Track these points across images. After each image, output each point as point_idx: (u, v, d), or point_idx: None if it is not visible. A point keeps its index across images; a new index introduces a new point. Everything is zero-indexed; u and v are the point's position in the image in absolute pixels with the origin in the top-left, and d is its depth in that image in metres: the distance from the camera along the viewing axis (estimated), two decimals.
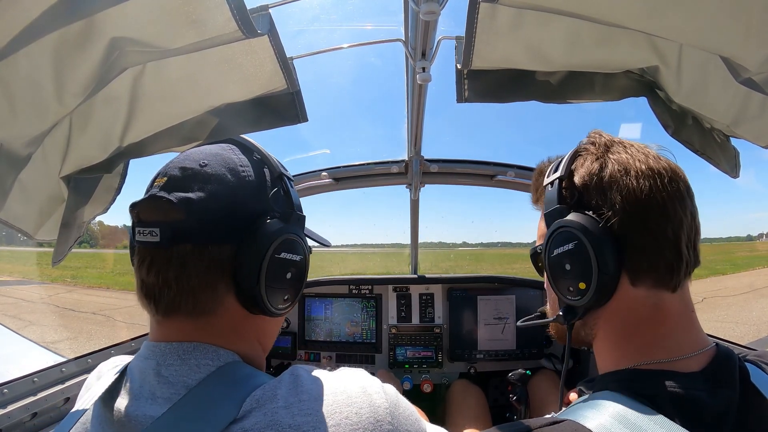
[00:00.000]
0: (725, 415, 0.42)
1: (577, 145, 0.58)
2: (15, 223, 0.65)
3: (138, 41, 0.54)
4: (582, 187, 0.52)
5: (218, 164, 0.49)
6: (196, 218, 0.46)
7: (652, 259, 0.48)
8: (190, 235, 0.46)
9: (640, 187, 0.49)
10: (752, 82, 0.56)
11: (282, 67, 0.75)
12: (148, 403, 0.43)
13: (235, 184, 0.49)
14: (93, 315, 11.51)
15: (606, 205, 0.50)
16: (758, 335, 8.13)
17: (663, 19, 0.54)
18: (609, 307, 0.51)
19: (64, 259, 0.80)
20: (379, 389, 0.45)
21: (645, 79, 0.78)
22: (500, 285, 1.94)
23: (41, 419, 1.01)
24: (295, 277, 0.53)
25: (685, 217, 0.49)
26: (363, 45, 1.04)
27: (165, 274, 0.46)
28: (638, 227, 0.48)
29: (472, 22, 0.65)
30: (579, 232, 0.50)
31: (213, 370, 0.45)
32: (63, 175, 0.65)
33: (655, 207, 0.48)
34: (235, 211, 0.49)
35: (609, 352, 0.52)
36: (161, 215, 0.46)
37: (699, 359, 0.47)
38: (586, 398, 0.49)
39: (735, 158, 0.86)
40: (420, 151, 1.56)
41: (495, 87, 0.80)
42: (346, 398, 0.43)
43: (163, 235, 0.45)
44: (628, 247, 0.49)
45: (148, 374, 0.45)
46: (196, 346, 0.46)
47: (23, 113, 0.53)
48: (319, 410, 0.41)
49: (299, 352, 1.97)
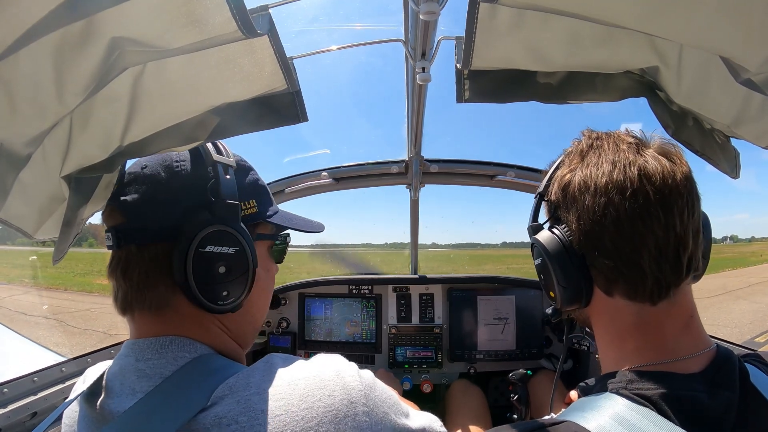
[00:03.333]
0: (725, 416, 0.42)
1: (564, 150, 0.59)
2: (15, 222, 0.65)
3: (138, 41, 0.54)
4: (555, 202, 0.54)
5: (156, 163, 0.51)
6: (135, 220, 0.49)
7: (611, 276, 0.48)
8: (132, 236, 0.49)
9: (595, 206, 0.47)
10: (752, 83, 0.56)
11: (282, 67, 0.75)
12: (129, 399, 0.44)
13: (167, 180, 0.50)
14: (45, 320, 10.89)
15: (570, 221, 0.51)
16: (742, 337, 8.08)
17: (663, 20, 0.54)
18: (597, 313, 0.53)
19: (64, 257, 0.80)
20: (354, 373, 0.45)
21: (645, 80, 0.78)
22: (500, 285, 1.94)
23: (41, 419, 1.01)
24: (233, 270, 0.50)
25: (650, 233, 0.45)
26: (363, 45, 1.04)
27: (115, 273, 0.50)
28: (592, 247, 0.48)
29: (472, 22, 0.65)
30: (541, 249, 0.53)
31: (188, 361, 0.46)
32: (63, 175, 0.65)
33: (609, 227, 0.46)
34: (171, 208, 0.49)
35: (608, 351, 0.53)
36: (111, 221, 0.51)
37: (699, 360, 0.46)
38: (585, 399, 0.49)
39: (735, 159, 0.85)
40: (420, 151, 1.56)
41: (495, 87, 0.80)
42: (319, 381, 0.43)
43: (113, 239, 0.49)
44: (588, 265, 0.49)
45: (128, 370, 0.46)
46: (172, 340, 0.47)
47: (23, 113, 0.53)
48: (292, 394, 0.41)
49: (299, 352, 1.97)
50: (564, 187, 0.52)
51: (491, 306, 1.91)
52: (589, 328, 0.58)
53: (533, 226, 0.57)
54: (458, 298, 1.92)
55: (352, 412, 0.41)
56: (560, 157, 0.58)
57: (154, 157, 0.52)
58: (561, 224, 0.52)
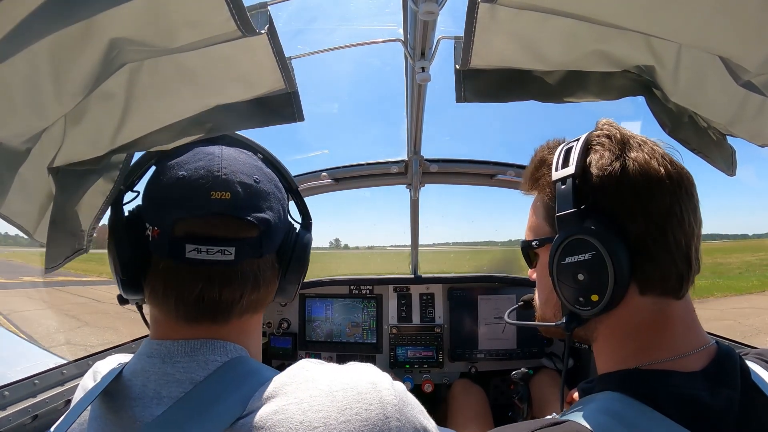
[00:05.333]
0: (726, 414, 0.42)
1: (587, 135, 0.52)
2: (16, 219, 0.65)
3: (136, 41, 0.54)
4: (599, 188, 0.48)
5: (267, 180, 0.51)
6: (265, 235, 0.49)
7: (666, 270, 0.47)
8: (255, 250, 0.48)
9: (664, 197, 0.46)
10: (752, 84, 0.56)
11: (280, 66, 0.75)
12: (153, 403, 0.43)
13: (281, 200, 0.54)
14: None
15: (625, 213, 0.47)
16: None
17: (661, 20, 0.54)
18: (614, 314, 0.49)
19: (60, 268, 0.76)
20: (389, 386, 0.44)
21: (642, 79, 0.79)
22: (500, 284, 1.94)
23: (42, 421, 1.01)
24: None
25: (696, 227, 0.48)
26: (362, 45, 1.04)
27: (239, 289, 0.47)
28: (658, 239, 0.46)
29: (471, 22, 0.65)
30: (598, 242, 0.46)
31: (219, 366, 0.45)
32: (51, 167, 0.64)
33: (674, 218, 0.46)
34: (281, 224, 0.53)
35: (610, 354, 0.52)
36: (234, 233, 0.46)
37: (700, 358, 0.47)
38: (587, 398, 0.49)
39: (731, 156, 0.86)
40: (420, 150, 1.56)
41: (494, 87, 0.80)
42: (357, 394, 0.42)
43: (237, 253, 0.45)
44: (643, 258, 0.46)
45: (152, 373, 0.45)
46: (203, 343, 0.46)
47: (23, 113, 0.53)
48: (330, 406, 0.40)
49: (300, 352, 1.97)
50: (619, 171, 0.47)
51: (492, 305, 1.91)
52: (588, 342, 0.55)
53: (573, 213, 0.48)
54: (459, 297, 1.93)
55: (386, 426, 0.41)
56: (588, 138, 0.52)
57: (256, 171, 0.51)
58: (603, 213, 0.47)
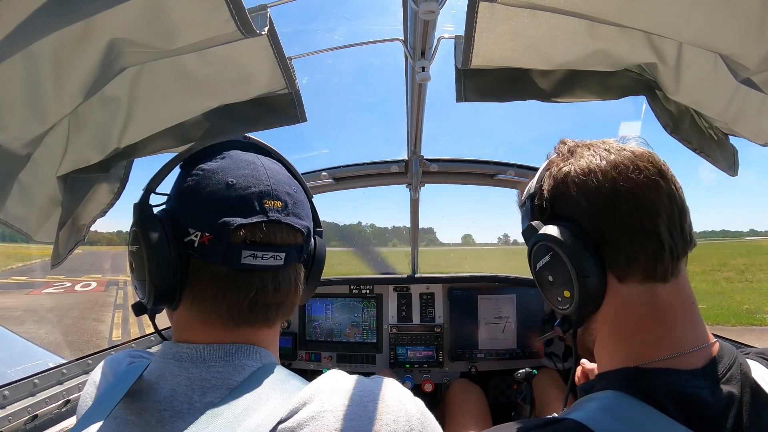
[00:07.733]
0: (727, 412, 0.43)
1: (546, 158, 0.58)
2: (15, 223, 0.65)
3: (137, 42, 0.54)
4: (552, 198, 0.53)
5: (299, 189, 0.55)
6: (306, 241, 0.53)
7: (631, 252, 0.48)
8: (299, 255, 0.52)
9: (605, 183, 0.48)
10: (752, 82, 0.56)
11: (281, 66, 0.75)
12: (185, 408, 0.42)
13: (309, 207, 0.56)
14: None
15: (575, 210, 0.50)
16: None
17: (661, 18, 0.54)
18: (604, 310, 0.51)
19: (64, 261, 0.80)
20: (412, 401, 0.47)
21: (644, 78, 0.79)
22: (500, 284, 1.94)
23: (41, 421, 1.01)
24: None
25: (660, 201, 0.48)
26: (362, 44, 1.04)
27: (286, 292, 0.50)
28: (609, 225, 0.48)
29: (472, 21, 0.65)
30: (550, 242, 0.50)
31: (254, 371, 0.46)
32: (59, 175, 0.65)
33: (623, 200, 0.48)
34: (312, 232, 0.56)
35: (610, 354, 0.52)
36: (285, 239, 0.49)
37: (701, 355, 0.47)
38: (587, 397, 0.49)
39: (733, 156, 0.86)
40: (420, 150, 1.55)
41: (494, 86, 0.80)
42: (385, 406, 0.44)
43: (286, 258, 0.49)
44: (605, 247, 0.49)
45: (182, 378, 0.44)
46: (238, 348, 0.47)
47: (22, 115, 0.52)
48: (362, 416, 0.42)
49: (300, 352, 1.97)
50: (563, 178, 0.52)
51: (492, 305, 1.91)
52: (590, 349, 0.56)
53: (531, 226, 0.54)
54: (459, 297, 1.93)
55: None
56: (544, 163, 0.57)
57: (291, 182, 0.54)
58: (561, 218, 0.52)
